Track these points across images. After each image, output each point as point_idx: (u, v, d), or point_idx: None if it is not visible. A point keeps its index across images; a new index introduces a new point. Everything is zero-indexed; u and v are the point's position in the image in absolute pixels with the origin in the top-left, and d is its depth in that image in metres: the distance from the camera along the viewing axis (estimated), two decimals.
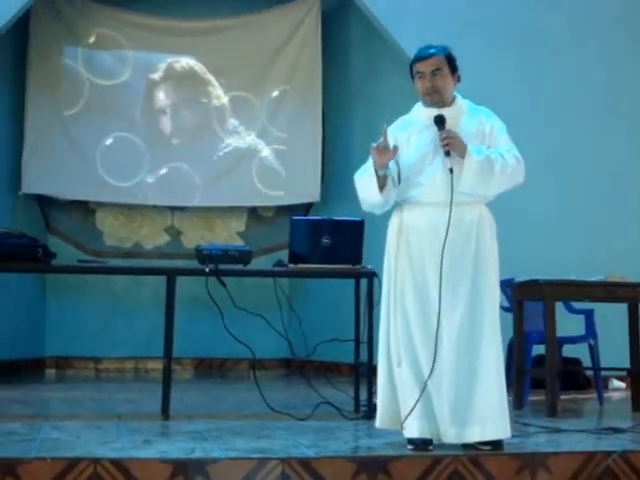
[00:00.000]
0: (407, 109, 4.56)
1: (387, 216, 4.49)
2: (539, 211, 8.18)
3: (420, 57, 4.40)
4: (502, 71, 8.38)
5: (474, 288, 4.22)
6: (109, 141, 10.00)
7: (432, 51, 4.38)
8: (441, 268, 4.12)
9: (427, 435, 4.12)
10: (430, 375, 4.10)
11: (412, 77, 4.48)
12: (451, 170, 4.17)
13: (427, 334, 4.14)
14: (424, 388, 4.10)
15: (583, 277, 6.02)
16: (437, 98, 4.35)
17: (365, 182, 4.36)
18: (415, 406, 4.11)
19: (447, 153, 4.20)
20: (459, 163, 4.19)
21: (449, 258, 4.14)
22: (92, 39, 10.11)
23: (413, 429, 4.12)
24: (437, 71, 4.34)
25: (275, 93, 10.35)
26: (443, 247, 4.13)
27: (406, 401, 4.16)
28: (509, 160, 4.28)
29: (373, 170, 4.28)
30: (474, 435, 4.12)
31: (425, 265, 4.22)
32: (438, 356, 4.11)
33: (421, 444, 4.10)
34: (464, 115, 4.38)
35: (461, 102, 4.43)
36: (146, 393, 7.07)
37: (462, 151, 4.19)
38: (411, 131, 4.40)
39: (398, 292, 4.26)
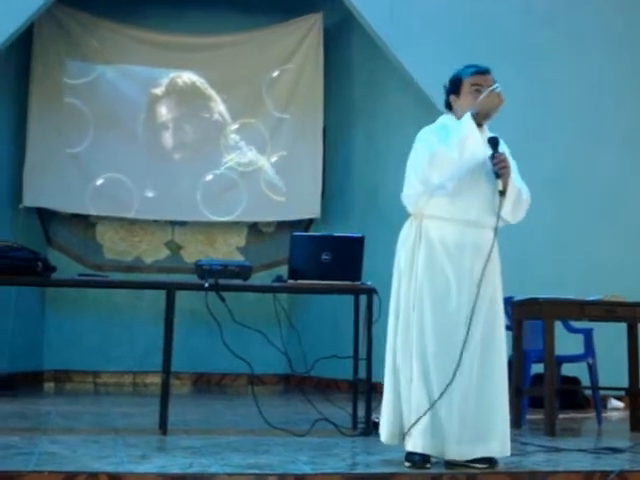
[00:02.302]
0: (408, 126, 4.57)
1: (386, 234, 4.49)
2: (538, 230, 8.18)
3: (479, 71, 4.38)
4: (502, 89, 8.38)
5: (493, 308, 4.27)
6: (111, 155, 10.02)
7: (488, 68, 4.40)
8: (478, 292, 4.14)
9: (429, 452, 4.11)
10: (444, 392, 4.08)
11: (452, 91, 4.43)
12: (501, 193, 4.22)
13: (443, 351, 4.13)
14: (433, 404, 4.08)
15: (582, 296, 6.03)
16: (493, 114, 4.33)
17: (462, 129, 4.16)
18: (420, 421, 4.08)
19: (498, 175, 4.22)
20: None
21: (477, 280, 4.17)
22: (95, 54, 10.14)
23: (417, 444, 4.10)
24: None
25: (276, 109, 10.38)
26: (484, 269, 4.16)
27: (412, 415, 4.13)
28: (528, 193, 4.40)
29: (473, 123, 4.14)
30: (478, 452, 4.12)
31: (449, 283, 4.20)
32: (452, 373, 4.10)
33: (420, 461, 4.08)
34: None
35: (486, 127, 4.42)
36: (144, 408, 7.06)
37: (508, 176, 4.24)
38: None
39: (417, 306, 4.21)
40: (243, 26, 10.39)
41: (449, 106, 4.47)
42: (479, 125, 4.17)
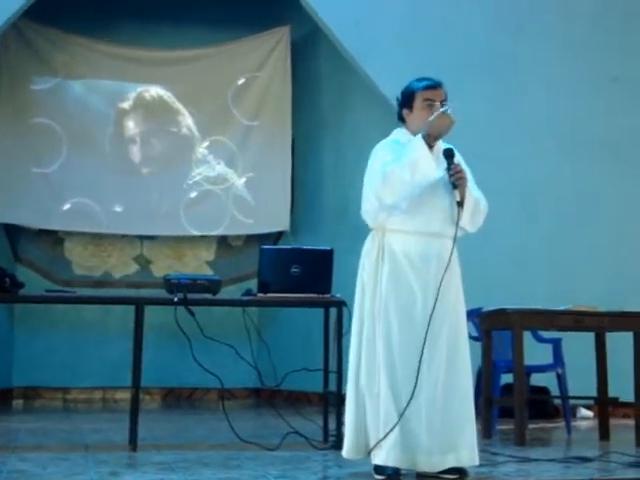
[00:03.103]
0: (376, 138, 4.53)
1: (356, 246, 4.49)
2: (506, 240, 8.21)
3: (432, 85, 4.34)
4: (469, 100, 8.40)
5: (455, 318, 4.27)
6: (79, 170, 9.97)
7: (440, 81, 4.37)
8: (436, 299, 4.13)
9: (399, 465, 4.09)
10: (409, 403, 4.07)
11: (404, 105, 4.41)
12: (459, 203, 4.23)
13: (411, 362, 4.11)
14: (401, 415, 4.06)
15: (551, 306, 6.05)
16: (444, 134, 4.30)
17: (413, 151, 4.13)
18: (390, 434, 4.06)
19: (455, 186, 4.23)
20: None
21: (440, 289, 4.17)
22: (62, 69, 10.11)
23: (388, 458, 4.07)
24: (444, 102, 4.32)
25: (245, 122, 10.39)
26: (442, 278, 4.16)
27: (380, 428, 4.11)
28: (486, 202, 4.41)
29: (424, 145, 4.12)
30: (449, 462, 4.12)
31: (414, 294, 4.20)
32: (420, 385, 4.10)
33: (393, 474, 4.07)
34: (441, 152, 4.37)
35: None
36: (114, 423, 7.01)
37: (465, 187, 4.26)
38: None
39: (382, 319, 4.19)
40: (211, 40, 10.41)
41: (402, 119, 4.46)
42: (430, 146, 4.16)
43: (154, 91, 10.44)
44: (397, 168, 4.13)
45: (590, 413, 7.95)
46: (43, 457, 4.80)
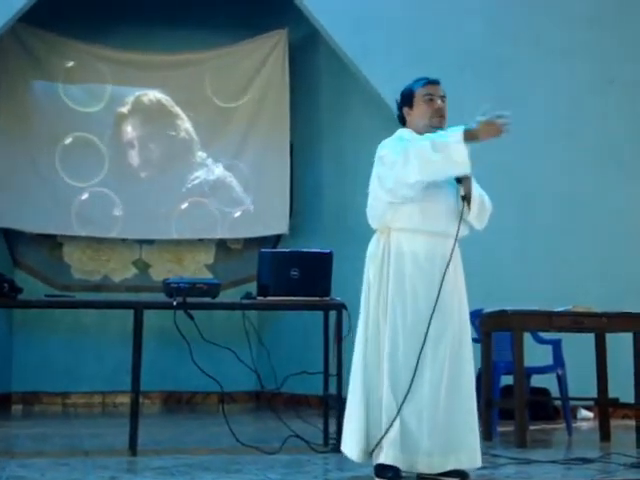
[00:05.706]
0: (375, 142, 4.52)
1: (355, 249, 4.49)
2: (504, 242, 8.21)
3: (431, 81, 4.42)
4: (467, 103, 8.40)
5: (459, 320, 4.27)
6: (78, 174, 9.97)
7: (438, 79, 4.44)
8: (437, 298, 4.15)
9: (399, 464, 4.07)
10: (404, 400, 4.06)
11: (405, 103, 4.45)
12: (463, 198, 4.25)
13: (414, 364, 4.11)
14: (400, 409, 4.06)
15: (550, 308, 6.05)
16: (443, 123, 4.37)
17: (448, 151, 4.10)
18: (390, 431, 4.05)
19: (459, 181, 4.26)
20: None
21: (444, 288, 4.18)
22: (61, 73, 10.10)
23: (387, 456, 4.06)
24: (444, 97, 4.41)
25: (243, 125, 10.37)
26: (444, 276, 4.17)
27: (384, 428, 4.09)
28: (490, 201, 4.45)
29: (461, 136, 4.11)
30: (450, 464, 4.11)
31: (418, 293, 4.20)
32: (421, 386, 4.11)
33: (393, 475, 4.06)
34: None
35: None
36: (114, 428, 7.00)
37: (470, 182, 4.28)
38: None
39: (388, 320, 4.18)
40: (209, 44, 10.40)
41: (402, 120, 4.50)
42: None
43: (152, 95, 10.43)
44: (425, 148, 4.12)
45: (590, 414, 7.95)
46: (42, 462, 4.78)
